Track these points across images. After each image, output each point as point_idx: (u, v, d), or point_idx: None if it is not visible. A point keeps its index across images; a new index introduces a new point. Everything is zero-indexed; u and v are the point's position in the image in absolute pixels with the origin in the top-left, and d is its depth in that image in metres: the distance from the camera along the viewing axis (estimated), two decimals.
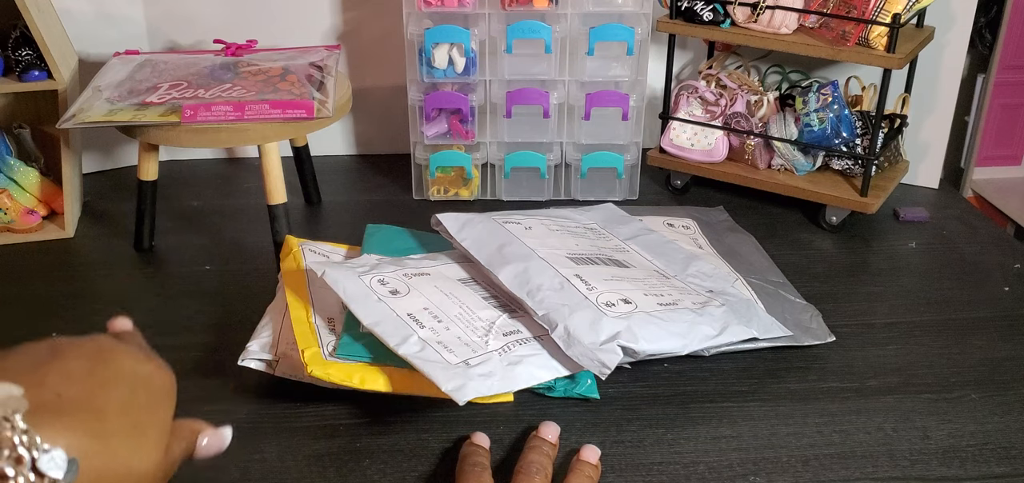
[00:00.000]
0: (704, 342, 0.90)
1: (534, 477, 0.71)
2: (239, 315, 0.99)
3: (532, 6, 1.20)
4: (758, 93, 1.27)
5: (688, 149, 1.29)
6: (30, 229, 1.20)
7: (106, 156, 1.41)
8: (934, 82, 1.30)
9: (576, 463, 0.75)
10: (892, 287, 1.09)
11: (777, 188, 1.25)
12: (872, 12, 1.11)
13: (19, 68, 1.14)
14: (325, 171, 1.35)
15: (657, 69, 1.34)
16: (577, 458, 0.76)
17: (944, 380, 0.91)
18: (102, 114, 1.04)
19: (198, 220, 1.26)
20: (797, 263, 1.13)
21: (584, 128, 1.26)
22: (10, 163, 1.21)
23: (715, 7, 1.21)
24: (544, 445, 0.76)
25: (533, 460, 0.73)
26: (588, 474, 0.74)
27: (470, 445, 0.77)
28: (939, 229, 1.24)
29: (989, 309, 1.04)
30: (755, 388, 0.90)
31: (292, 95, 1.07)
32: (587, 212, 1.12)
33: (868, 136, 1.20)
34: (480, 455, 0.75)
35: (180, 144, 1.05)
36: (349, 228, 1.18)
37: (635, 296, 0.91)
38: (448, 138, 1.27)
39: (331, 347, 0.85)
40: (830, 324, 0.99)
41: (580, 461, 0.76)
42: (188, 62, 1.17)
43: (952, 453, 0.81)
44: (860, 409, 0.87)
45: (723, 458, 0.80)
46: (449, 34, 1.19)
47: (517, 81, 1.23)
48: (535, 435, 0.78)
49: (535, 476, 0.71)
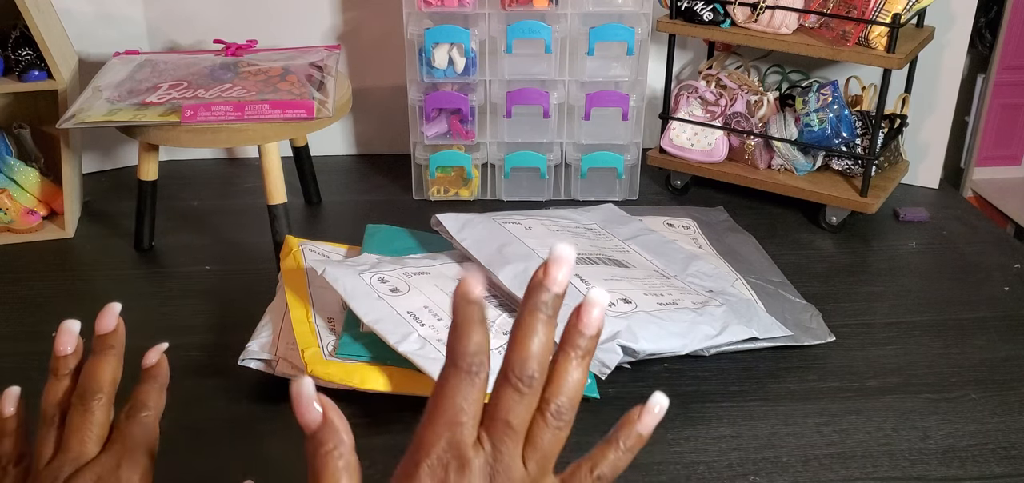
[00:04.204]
0: (704, 342, 0.90)
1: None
2: (239, 315, 0.98)
3: (532, 6, 1.20)
4: (758, 93, 1.27)
5: (688, 149, 1.29)
6: (30, 229, 1.20)
7: (106, 156, 1.41)
8: (934, 82, 1.30)
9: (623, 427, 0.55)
10: (892, 287, 1.09)
11: (777, 188, 1.25)
12: (872, 12, 1.11)
13: (19, 68, 1.14)
14: (325, 171, 1.35)
15: (657, 69, 1.34)
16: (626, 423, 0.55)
17: (944, 380, 0.91)
18: (102, 114, 1.04)
19: (198, 220, 1.26)
20: (797, 263, 1.13)
21: (584, 128, 1.26)
22: (10, 163, 1.21)
23: (715, 7, 1.21)
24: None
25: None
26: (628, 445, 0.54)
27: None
28: (939, 229, 1.24)
29: (989, 309, 1.04)
30: (755, 388, 0.90)
31: (292, 95, 1.07)
32: (587, 212, 1.12)
33: (868, 136, 1.20)
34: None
35: (180, 144, 1.05)
36: (349, 228, 1.18)
37: (635, 296, 0.91)
38: (448, 138, 1.27)
39: (331, 347, 0.85)
40: (830, 324, 0.98)
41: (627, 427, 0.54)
42: (188, 62, 1.17)
43: (952, 453, 0.81)
44: (860, 409, 0.87)
45: (723, 458, 0.80)
46: (449, 34, 1.19)
47: (517, 81, 1.23)
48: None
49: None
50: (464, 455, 0.47)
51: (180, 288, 1.08)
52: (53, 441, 0.57)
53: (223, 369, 0.90)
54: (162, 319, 1.01)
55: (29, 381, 0.60)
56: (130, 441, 0.56)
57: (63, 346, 0.57)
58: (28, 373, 0.90)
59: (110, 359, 0.58)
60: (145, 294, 1.09)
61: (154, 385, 0.59)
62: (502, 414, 0.48)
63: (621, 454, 0.51)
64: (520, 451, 0.49)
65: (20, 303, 1.05)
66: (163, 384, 0.59)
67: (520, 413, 0.49)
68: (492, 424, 0.48)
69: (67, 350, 0.58)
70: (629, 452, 0.52)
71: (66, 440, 0.56)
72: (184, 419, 0.77)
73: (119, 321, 0.58)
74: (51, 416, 0.57)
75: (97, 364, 0.57)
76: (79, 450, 0.55)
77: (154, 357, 0.59)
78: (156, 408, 0.58)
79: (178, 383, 0.57)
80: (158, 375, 0.59)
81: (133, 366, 0.63)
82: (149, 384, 0.59)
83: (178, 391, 0.57)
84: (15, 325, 1.01)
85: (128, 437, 0.56)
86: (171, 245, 1.18)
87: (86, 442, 0.55)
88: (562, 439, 0.50)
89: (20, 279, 1.10)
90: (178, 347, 0.95)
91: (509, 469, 0.48)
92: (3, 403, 0.59)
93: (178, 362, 0.58)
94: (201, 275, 1.11)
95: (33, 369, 0.91)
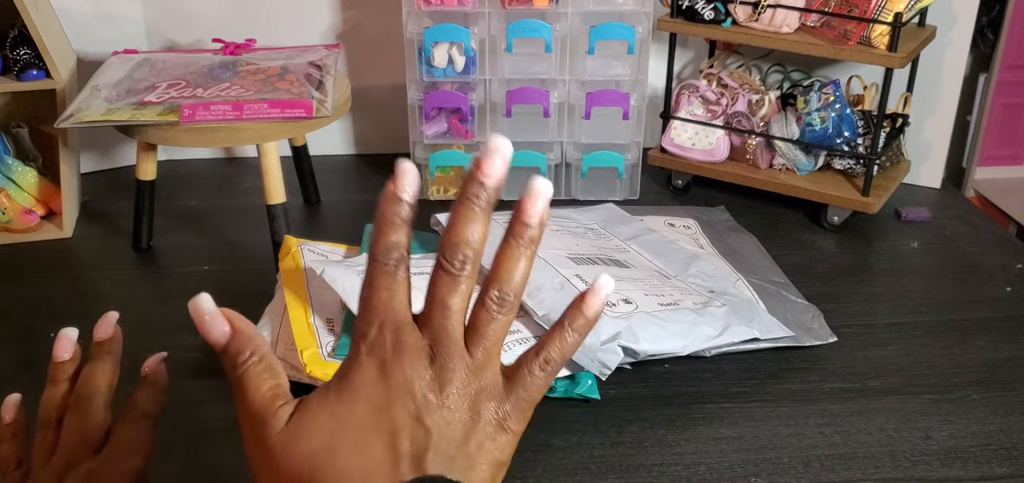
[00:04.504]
0: (705, 342, 0.89)
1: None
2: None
3: (532, 5, 1.19)
4: (759, 92, 1.27)
5: (689, 149, 1.29)
6: (28, 229, 1.19)
7: (104, 156, 1.41)
8: (936, 81, 1.29)
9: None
10: (894, 287, 1.09)
11: (778, 188, 1.24)
12: (874, 11, 1.11)
13: (17, 67, 1.14)
14: (324, 171, 1.35)
15: (658, 68, 1.33)
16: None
17: (946, 380, 0.91)
18: (100, 113, 1.03)
19: (197, 220, 1.25)
20: (799, 263, 1.12)
21: (584, 127, 1.26)
22: (8, 163, 1.21)
23: (716, 6, 1.20)
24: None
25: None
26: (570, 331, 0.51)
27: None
28: (941, 229, 1.23)
29: (991, 309, 1.04)
30: (756, 389, 0.89)
31: (291, 94, 1.06)
32: (588, 212, 1.11)
33: (870, 136, 1.19)
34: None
35: (178, 144, 1.05)
36: (348, 228, 1.18)
37: (636, 296, 0.91)
38: (448, 137, 1.27)
39: (330, 347, 0.85)
40: (832, 324, 0.98)
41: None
42: (186, 61, 1.17)
43: (954, 454, 0.81)
44: (862, 410, 0.86)
45: (724, 459, 0.80)
46: (449, 33, 1.19)
47: (517, 80, 1.23)
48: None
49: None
50: (398, 337, 0.47)
51: (179, 288, 1.08)
52: (49, 443, 0.57)
53: (222, 369, 0.90)
54: (161, 319, 1.01)
55: (27, 381, 0.60)
56: (125, 442, 0.56)
57: (61, 352, 0.58)
58: (26, 373, 0.90)
59: (107, 364, 0.58)
60: (143, 294, 1.08)
61: (152, 390, 0.59)
62: (438, 297, 0.48)
63: (568, 338, 0.50)
64: (461, 334, 0.48)
65: (18, 303, 1.05)
66: (161, 389, 0.59)
67: (455, 296, 0.48)
68: (429, 308, 0.48)
69: (65, 356, 0.58)
70: (576, 334, 0.50)
71: (62, 441, 0.56)
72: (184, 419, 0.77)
73: (116, 328, 0.59)
74: (48, 420, 0.58)
75: (94, 368, 0.58)
76: (74, 450, 0.55)
77: (154, 362, 0.59)
78: (153, 412, 0.58)
79: (177, 383, 0.57)
80: (157, 381, 0.59)
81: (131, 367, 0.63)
82: (147, 389, 0.59)
83: (177, 391, 0.57)
84: (13, 325, 1.00)
85: (124, 438, 0.56)
86: (169, 245, 1.18)
87: (81, 443, 0.56)
88: (506, 325, 0.49)
89: (18, 279, 1.10)
90: (177, 347, 0.95)
91: (450, 350, 0.47)
92: (3, 409, 0.59)
93: (177, 362, 0.58)
94: (200, 275, 1.11)
95: (31, 369, 0.90)
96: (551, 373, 0.49)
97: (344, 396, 0.46)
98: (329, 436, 0.44)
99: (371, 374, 0.46)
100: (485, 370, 0.48)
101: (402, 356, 0.46)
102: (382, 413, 0.44)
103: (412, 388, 0.45)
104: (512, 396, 0.48)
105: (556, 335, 0.50)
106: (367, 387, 0.46)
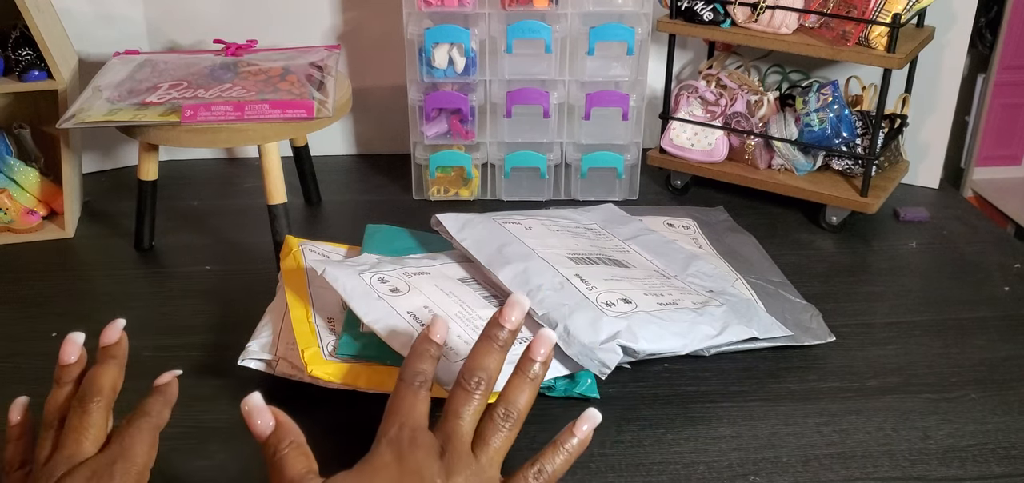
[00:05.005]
0: (704, 342, 0.90)
1: (473, 393, 0.60)
2: (239, 315, 0.98)
3: (532, 6, 1.20)
4: (758, 93, 1.27)
5: (688, 149, 1.29)
6: (30, 229, 1.20)
7: (106, 156, 1.41)
8: (934, 82, 1.30)
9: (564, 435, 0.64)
10: (892, 287, 1.09)
11: (777, 188, 1.24)
12: (872, 12, 1.11)
13: (19, 68, 1.14)
14: (325, 171, 1.35)
15: (657, 69, 1.34)
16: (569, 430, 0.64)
17: (944, 380, 0.91)
18: (102, 114, 1.04)
19: (198, 220, 1.26)
20: (797, 263, 1.13)
21: (584, 128, 1.26)
22: (10, 163, 1.21)
23: (715, 7, 1.21)
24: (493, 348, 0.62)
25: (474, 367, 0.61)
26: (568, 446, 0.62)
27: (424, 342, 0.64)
28: (939, 229, 1.24)
29: (989, 309, 1.04)
30: (755, 388, 0.90)
31: (292, 95, 1.07)
32: (587, 212, 1.12)
33: (868, 136, 1.20)
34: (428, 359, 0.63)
35: (180, 144, 1.05)
36: (349, 228, 1.18)
37: (635, 296, 0.91)
38: (448, 138, 1.27)
39: (331, 347, 0.85)
40: (830, 324, 0.98)
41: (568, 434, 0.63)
42: (188, 62, 1.17)
43: (952, 453, 0.81)
44: (860, 409, 0.87)
45: (723, 458, 0.80)
46: (449, 34, 1.19)
47: (517, 81, 1.23)
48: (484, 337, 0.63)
49: (474, 391, 0.60)
50: (415, 435, 0.56)
51: (180, 288, 1.08)
52: (52, 442, 0.57)
53: (223, 369, 0.90)
54: (162, 319, 1.01)
55: (28, 382, 0.60)
56: (128, 443, 0.56)
57: (67, 355, 0.60)
58: (27, 373, 0.90)
59: (111, 367, 0.59)
60: (145, 294, 1.09)
61: (160, 398, 0.60)
62: (453, 409, 0.59)
63: (561, 457, 0.61)
64: (469, 440, 0.58)
65: (20, 303, 1.05)
66: (169, 400, 0.61)
67: (468, 410, 0.59)
68: (445, 416, 0.58)
69: (71, 359, 0.60)
70: (568, 454, 0.61)
71: (63, 439, 0.57)
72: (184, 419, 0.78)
73: (122, 335, 0.61)
74: (52, 420, 0.58)
75: (98, 371, 0.59)
76: (75, 449, 0.56)
77: (166, 378, 0.62)
78: (158, 418, 0.59)
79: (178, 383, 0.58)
80: (166, 391, 0.61)
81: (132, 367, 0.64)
82: (156, 397, 0.60)
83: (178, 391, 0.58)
84: (15, 325, 1.00)
85: (126, 439, 0.56)
86: (171, 245, 1.18)
87: (82, 442, 0.56)
88: (509, 440, 0.60)
89: (20, 279, 1.10)
90: (178, 347, 0.95)
91: (458, 451, 0.57)
92: (11, 410, 0.60)
93: (178, 362, 0.58)
94: (201, 275, 1.11)
95: (32, 369, 0.91)
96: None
97: (364, 476, 0.55)
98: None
99: (388, 460, 0.56)
100: (485, 473, 0.57)
101: (417, 449, 0.56)
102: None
103: (422, 474, 0.54)
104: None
105: (550, 452, 0.61)
106: (384, 470, 0.55)
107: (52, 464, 0.56)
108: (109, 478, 0.54)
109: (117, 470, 0.55)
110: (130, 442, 0.56)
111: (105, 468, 0.55)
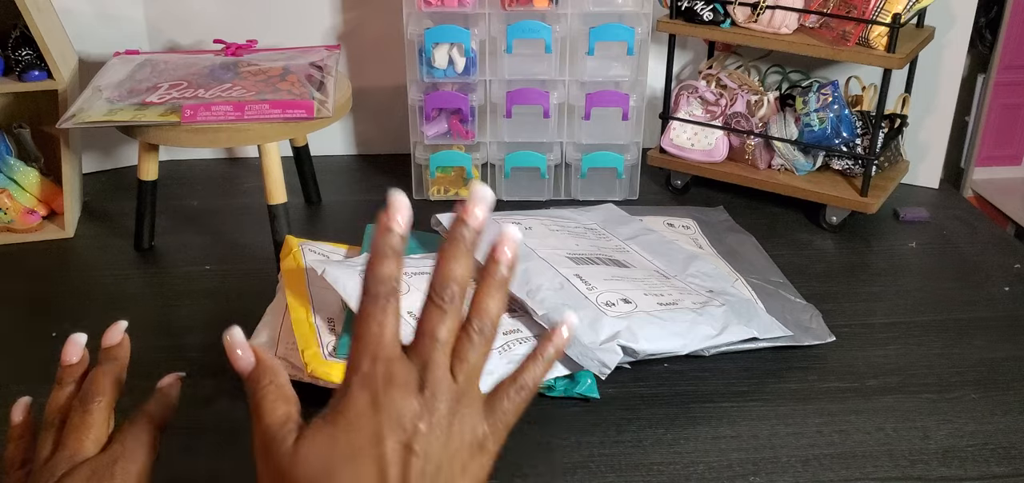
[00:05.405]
0: (704, 342, 0.90)
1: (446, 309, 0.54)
2: (239, 315, 0.98)
3: (532, 6, 1.20)
4: (758, 93, 1.27)
5: (688, 149, 1.29)
6: (30, 229, 1.20)
7: (106, 156, 1.41)
8: (934, 82, 1.30)
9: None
10: (892, 287, 1.09)
11: (777, 188, 1.25)
12: (872, 12, 1.11)
13: (19, 68, 1.14)
14: (325, 171, 1.35)
15: (657, 69, 1.34)
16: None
17: (944, 380, 0.91)
18: (102, 114, 1.04)
19: (198, 220, 1.26)
20: (797, 263, 1.13)
21: (584, 128, 1.26)
22: (10, 163, 1.21)
23: (715, 7, 1.21)
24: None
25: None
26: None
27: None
28: (939, 229, 1.24)
29: (989, 309, 1.04)
30: (755, 388, 0.90)
31: (292, 95, 1.07)
32: (587, 212, 1.12)
33: (868, 136, 1.20)
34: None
35: (180, 144, 1.05)
36: (349, 228, 1.18)
37: (635, 296, 0.91)
38: (448, 138, 1.27)
39: (331, 347, 0.85)
40: (830, 324, 0.98)
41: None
42: (188, 62, 1.17)
43: (952, 453, 0.81)
44: (860, 409, 0.87)
45: (723, 458, 0.80)
46: (449, 34, 1.19)
47: (517, 81, 1.23)
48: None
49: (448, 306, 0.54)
50: (390, 371, 0.51)
51: (180, 288, 1.08)
52: (53, 441, 0.57)
53: (223, 369, 0.89)
54: (163, 319, 1.01)
55: (28, 381, 0.60)
56: (129, 443, 0.56)
57: (69, 356, 0.60)
58: (27, 373, 0.90)
59: (113, 368, 0.60)
60: (145, 294, 1.09)
61: (163, 401, 0.60)
62: (427, 329, 0.53)
63: (540, 367, 0.56)
64: (448, 363, 0.53)
65: (20, 303, 1.05)
66: (171, 402, 0.61)
67: (443, 328, 0.53)
68: (419, 338, 0.53)
69: (73, 360, 0.60)
70: (546, 362, 0.56)
71: (64, 439, 0.57)
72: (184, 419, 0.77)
73: (124, 337, 0.61)
74: (53, 420, 0.58)
75: (100, 371, 0.59)
76: (76, 448, 0.56)
77: (169, 380, 0.62)
78: (160, 420, 0.59)
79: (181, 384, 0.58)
80: (168, 395, 0.61)
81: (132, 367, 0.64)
82: (158, 399, 0.60)
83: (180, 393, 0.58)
84: (15, 325, 1.00)
85: (128, 439, 0.57)
86: (171, 245, 1.18)
87: (83, 441, 0.56)
88: (486, 353, 0.55)
89: (20, 279, 1.10)
90: (178, 347, 0.95)
91: (438, 379, 0.52)
92: (13, 410, 0.60)
93: (178, 362, 0.58)
94: (201, 275, 1.11)
95: (32, 369, 0.91)
96: (525, 398, 0.55)
97: (341, 425, 0.50)
98: (327, 462, 0.49)
99: (363, 406, 0.50)
100: (467, 394, 0.53)
101: (392, 389, 0.51)
102: (375, 443, 0.49)
103: (402, 419, 0.50)
104: (491, 418, 0.53)
105: (529, 364, 0.56)
106: (361, 418, 0.50)
107: (53, 463, 0.56)
108: (110, 478, 0.54)
109: (118, 470, 0.55)
110: (131, 442, 0.56)
111: (106, 468, 0.55)
